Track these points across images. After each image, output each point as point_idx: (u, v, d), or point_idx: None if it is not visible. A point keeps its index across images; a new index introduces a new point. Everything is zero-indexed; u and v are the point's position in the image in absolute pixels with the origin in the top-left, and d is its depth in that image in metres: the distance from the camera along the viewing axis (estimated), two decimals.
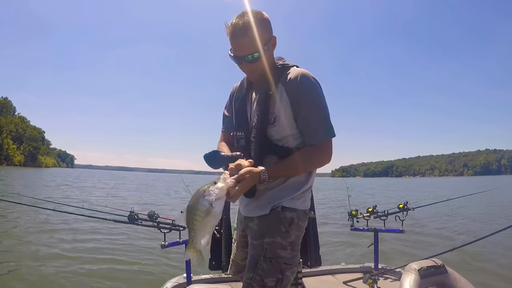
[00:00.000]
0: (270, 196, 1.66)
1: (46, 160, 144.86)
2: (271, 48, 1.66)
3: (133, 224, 2.53)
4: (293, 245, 1.64)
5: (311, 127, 1.62)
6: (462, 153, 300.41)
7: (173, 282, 2.83)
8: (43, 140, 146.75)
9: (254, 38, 1.54)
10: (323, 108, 1.63)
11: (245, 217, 1.79)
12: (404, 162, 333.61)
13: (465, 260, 5.91)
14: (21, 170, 71.57)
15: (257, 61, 1.60)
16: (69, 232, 7.87)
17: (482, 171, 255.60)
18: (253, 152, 1.66)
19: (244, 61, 1.61)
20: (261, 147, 1.65)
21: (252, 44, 1.55)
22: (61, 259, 5.70)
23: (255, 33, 1.54)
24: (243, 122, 1.74)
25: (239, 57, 1.61)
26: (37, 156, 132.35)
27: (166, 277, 3.22)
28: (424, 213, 10.83)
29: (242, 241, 1.88)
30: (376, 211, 3.31)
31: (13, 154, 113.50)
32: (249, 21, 1.54)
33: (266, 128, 1.63)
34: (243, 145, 1.71)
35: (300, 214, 1.68)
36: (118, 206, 2.80)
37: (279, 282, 1.57)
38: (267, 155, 1.64)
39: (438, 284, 2.32)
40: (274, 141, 1.64)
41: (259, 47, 1.56)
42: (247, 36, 1.54)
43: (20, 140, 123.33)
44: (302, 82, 1.60)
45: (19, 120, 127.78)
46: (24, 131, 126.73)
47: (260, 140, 1.65)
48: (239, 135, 1.74)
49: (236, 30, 1.55)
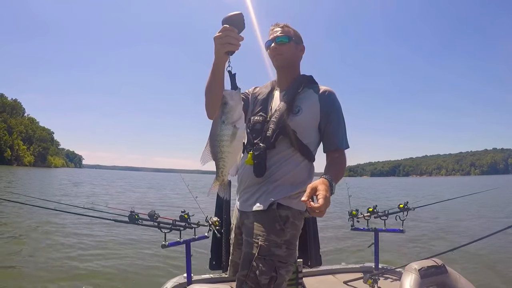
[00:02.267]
0: (268, 192, 1.68)
1: (55, 161, 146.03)
2: (300, 49, 1.88)
3: (134, 224, 2.48)
4: (289, 244, 1.63)
5: (338, 137, 1.76)
6: (470, 152, 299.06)
7: (173, 282, 2.79)
8: (52, 141, 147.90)
9: (289, 29, 1.85)
10: (345, 125, 1.80)
11: (241, 214, 1.80)
12: (411, 162, 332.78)
13: (466, 260, 5.85)
14: (31, 170, 71.92)
15: (285, 44, 1.81)
16: (69, 232, 7.82)
17: (489, 170, 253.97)
18: (269, 132, 1.71)
19: (275, 42, 1.81)
20: (277, 127, 1.70)
21: (285, 31, 1.83)
22: (61, 258, 5.66)
23: (291, 28, 1.86)
24: (264, 107, 1.83)
25: (272, 39, 1.82)
26: (46, 156, 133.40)
27: (167, 277, 3.19)
28: (424, 213, 10.75)
29: (239, 239, 1.87)
30: (377, 211, 3.27)
31: (23, 154, 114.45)
32: (289, 25, 1.87)
33: (289, 114, 1.72)
34: (258, 128, 1.76)
35: (295, 213, 1.68)
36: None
37: (272, 280, 1.55)
38: (281, 136, 1.70)
39: (439, 284, 2.29)
40: (292, 128, 1.70)
41: (291, 36, 1.83)
42: (286, 26, 1.85)
43: (30, 141, 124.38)
44: (334, 100, 1.78)
45: (29, 121, 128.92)
46: (34, 132, 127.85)
47: (279, 121, 1.71)
48: (256, 119, 1.79)
49: (279, 23, 1.87)
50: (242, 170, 1.79)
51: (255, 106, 1.86)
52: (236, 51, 1.43)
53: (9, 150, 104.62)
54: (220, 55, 1.45)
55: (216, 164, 1.39)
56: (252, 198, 1.73)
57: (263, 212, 1.65)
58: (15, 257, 5.66)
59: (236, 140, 1.35)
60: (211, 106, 1.64)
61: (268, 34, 1.88)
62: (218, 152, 1.35)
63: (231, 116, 1.34)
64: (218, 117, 1.35)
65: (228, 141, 1.34)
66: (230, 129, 1.33)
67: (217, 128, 1.34)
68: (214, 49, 1.44)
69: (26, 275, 4.87)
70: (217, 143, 1.34)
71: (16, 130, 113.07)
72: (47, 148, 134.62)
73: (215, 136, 1.35)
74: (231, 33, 1.37)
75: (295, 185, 1.70)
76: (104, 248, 6.54)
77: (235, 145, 1.36)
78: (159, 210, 2.70)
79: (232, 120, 1.33)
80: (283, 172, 1.70)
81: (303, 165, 1.74)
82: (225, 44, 1.39)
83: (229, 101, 1.34)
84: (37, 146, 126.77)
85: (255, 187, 1.73)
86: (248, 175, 1.74)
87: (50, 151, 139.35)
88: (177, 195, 20.65)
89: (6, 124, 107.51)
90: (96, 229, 8.06)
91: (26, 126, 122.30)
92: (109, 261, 5.67)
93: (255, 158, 1.69)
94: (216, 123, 1.36)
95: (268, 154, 1.70)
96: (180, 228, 2.58)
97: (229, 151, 1.35)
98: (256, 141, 1.73)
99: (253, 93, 1.95)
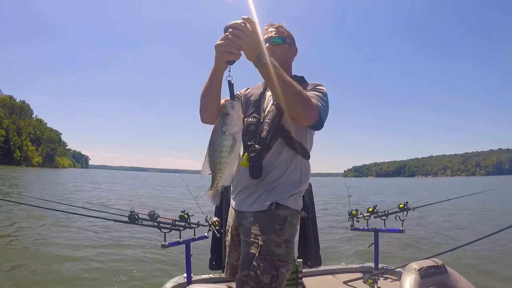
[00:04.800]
0: (267, 192, 1.66)
1: (63, 161, 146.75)
2: (292, 50, 1.88)
3: (134, 224, 2.47)
4: (288, 243, 1.62)
5: (312, 93, 1.66)
6: (475, 152, 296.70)
7: (173, 282, 2.77)
8: (60, 142, 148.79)
9: (283, 30, 1.85)
10: (325, 94, 1.70)
11: (238, 214, 1.77)
12: (417, 162, 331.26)
13: (466, 260, 5.79)
14: (40, 171, 72.34)
15: (278, 45, 1.80)
16: (69, 232, 7.79)
17: (494, 170, 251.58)
18: (264, 133, 1.68)
19: (269, 42, 1.79)
20: (272, 128, 1.68)
21: (280, 32, 1.83)
22: (60, 259, 5.63)
23: (285, 29, 1.86)
24: (256, 109, 1.79)
25: (266, 39, 1.80)
26: (54, 157, 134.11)
27: (166, 277, 3.16)
28: (424, 213, 10.67)
29: (236, 240, 1.85)
30: (376, 211, 3.24)
31: (32, 155, 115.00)
32: (284, 25, 1.87)
33: (283, 115, 1.68)
34: (252, 130, 1.73)
35: (292, 213, 1.67)
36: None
37: (274, 279, 1.54)
38: (277, 137, 1.67)
39: (438, 284, 2.27)
40: (286, 128, 1.68)
41: (285, 37, 1.83)
42: (280, 27, 1.85)
43: (38, 141, 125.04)
44: (316, 83, 1.76)
45: (37, 122, 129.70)
46: (42, 133, 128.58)
47: (273, 121, 1.69)
48: (250, 121, 1.76)
49: (274, 23, 1.86)
50: (237, 172, 1.74)
51: (247, 108, 1.83)
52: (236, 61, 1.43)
53: (18, 151, 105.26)
54: (220, 64, 1.44)
55: (213, 175, 1.38)
56: (250, 198, 1.70)
57: (262, 212, 1.64)
58: (15, 257, 5.63)
59: (234, 151, 1.35)
60: (206, 111, 1.68)
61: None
62: (217, 162, 1.35)
63: (232, 128, 1.34)
64: (219, 127, 1.34)
65: (228, 152, 1.34)
66: (230, 140, 1.33)
67: (217, 138, 1.34)
68: (215, 56, 1.44)
69: (26, 275, 4.85)
70: (217, 153, 1.34)
71: (25, 132, 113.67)
72: (55, 149, 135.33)
73: (215, 146, 1.35)
74: (233, 43, 1.36)
75: (294, 184, 1.69)
76: (104, 248, 6.51)
77: (233, 157, 1.36)
78: (160, 210, 2.68)
79: (232, 132, 1.33)
80: (280, 172, 1.68)
81: (299, 164, 1.73)
82: (226, 53, 1.39)
83: (231, 113, 1.34)
84: (45, 147, 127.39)
85: (252, 187, 1.71)
86: (243, 177, 1.71)
87: (58, 151, 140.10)
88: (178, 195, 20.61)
89: (15, 125, 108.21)
90: (96, 229, 8.02)
91: (34, 128, 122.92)
92: (109, 261, 5.65)
93: (250, 160, 1.66)
94: (216, 133, 1.35)
95: (264, 155, 1.67)
96: (180, 228, 2.56)
97: (227, 162, 1.35)
98: (250, 142, 1.70)
99: (245, 94, 1.93)
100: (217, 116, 1.64)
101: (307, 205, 2.65)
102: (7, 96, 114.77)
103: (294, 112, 1.56)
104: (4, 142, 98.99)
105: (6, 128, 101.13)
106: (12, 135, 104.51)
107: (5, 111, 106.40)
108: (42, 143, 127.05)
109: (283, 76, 1.46)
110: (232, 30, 1.36)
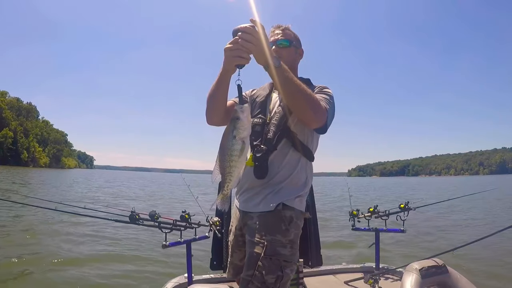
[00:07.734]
0: (274, 193, 1.66)
1: (69, 162, 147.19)
2: (298, 53, 1.86)
3: (134, 224, 2.44)
4: (293, 243, 1.62)
5: (320, 96, 1.67)
6: (479, 151, 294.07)
7: (174, 282, 2.75)
8: (66, 143, 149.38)
9: (290, 32, 1.83)
10: (332, 97, 1.72)
11: (243, 215, 1.76)
12: (421, 161, 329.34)
13: (467, 260, 5.73)
14: (48, 171, 72.58)
15: (285, 48, 1.78)
16: (70, 232, 7.76)
17: (498, 169, 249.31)
18: (270, 134, 1.67)
19: (276, 45, 1.77)
20: (278, 129, 1.67)
21: (287, 34, 1.81)
22: (60, 259, 5.60)
23: (292, 31, 1.84)
24: (262, 110, 1.79)
25: (273, 41, 1.78)
26: (60, 158, 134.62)
27: (167, 277, 3.12)
28: (425, 213, 10.59)
29: (240, 240, 1.84)
30: (377, 211, 3.22)
31: (39, 156, 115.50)
32: (290, 27, 1.86)
33: (289, 116, 1.68)
34: (258, 130, 1.71)
35: (298, 214, 1.68)
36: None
37: (279, 279, 1.54)
38: (283, 138, 1.67)
39: (439, 284, 2.23)
40: (292, 130, 1.68)
41: (291, 39, 1.81)
42: (287, 29, 1.83)
43: (45, 143, 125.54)
44: (322, 85, 1.78)
45: (44, 124, 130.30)
46: (49, 134, 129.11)
47: (279, 123, 1.68)
48: (256, 121, 1.74)
49: (281, 25, 1.83)
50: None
51: (253, 108, 1.82)
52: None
53: (25, 152, 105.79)
54: (229, 67, 1.43)
55: (223, 178, 1.39)
56: (255, 198, 1.69)
57: (268, 213, 1.63)
58: (15, 257, 5.60)
59: (243, 155, 1.36)
60: (212, 113, 1.67)
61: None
62: (227, 166, 1.36)
63: (242, 132, 1.34)
64: (230, 131, 1.34)
65: (237, 156, 1.34)
66: (240, 144, 1.33)
67: (228, 142, 1.35)
68: (224, 60, 1.42)
69: (26, 275, 4.83)
70: (227, 157, 1.35)
71: (32, 133, 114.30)
72: (61, 149, 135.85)
73: (225, 150, 1.35)
74: (243, 47, 1.35)
75: (299, 186, 1.70)
76: (104, 248, 6.49)
77: (242, 160, 1.37)
78: (161, 210, 2.64)
79: (242, 136, 1.34)
80: (286, 174, 1.68)
81: (304, 166, 1.73)
82: (235, 57, 1.38)
83: (241, 117, 1.34)
84: (51, 148, 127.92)
85: (257, 188, 1.70)
86: (248, 177, 1.69)
87: (64, 152, 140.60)
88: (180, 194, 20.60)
89: (23, 127, 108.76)
90: (96, 229, 7.99)
91: (41, 129, 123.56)
92: (110, 261, 5.62)
93: (256, 160, 1.65)
94: (227, 137, 1.35)
95: (269, 156, 1.66)
96: (181, 228, 2.54)
97: (236, 166, 1.37)
98: (256, 143, 1.69)
99: (251, 96, 1.92)
100: (223, 117, 1.65)
101: (309, 205, 2.61)
102: (14, 99, 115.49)
103: (304, 114, 1.57)
104: (12, 143, 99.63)
105: (14, 129, 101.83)
106: (19, 137, 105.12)
107: (13, 113, 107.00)
108: (49, 144, 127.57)
109: (294, 79, 1.47)
110: (241, 34, 1.34)
